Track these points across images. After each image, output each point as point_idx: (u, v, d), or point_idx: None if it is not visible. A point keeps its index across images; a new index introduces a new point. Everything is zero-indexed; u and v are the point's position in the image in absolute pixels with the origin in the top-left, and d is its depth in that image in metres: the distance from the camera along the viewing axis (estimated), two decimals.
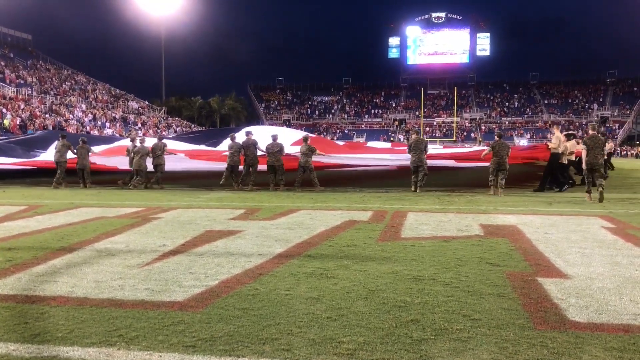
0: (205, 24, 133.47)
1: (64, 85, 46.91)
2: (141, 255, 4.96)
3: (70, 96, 43.48)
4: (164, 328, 2.96)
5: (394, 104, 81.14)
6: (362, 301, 3.45)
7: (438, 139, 60.29)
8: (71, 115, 37.01)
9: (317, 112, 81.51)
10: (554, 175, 12.02)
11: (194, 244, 5.52)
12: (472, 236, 5.92)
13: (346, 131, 73.61)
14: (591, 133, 10.23)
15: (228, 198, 10.73)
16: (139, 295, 3.62)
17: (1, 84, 37.82)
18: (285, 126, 62.12)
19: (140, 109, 51.65)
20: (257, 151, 12.77)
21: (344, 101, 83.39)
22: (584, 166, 10.12)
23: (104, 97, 48.18)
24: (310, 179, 12.42)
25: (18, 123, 30.25)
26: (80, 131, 32.79)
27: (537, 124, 71.48)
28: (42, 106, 36.12)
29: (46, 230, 6.46)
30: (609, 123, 67.99)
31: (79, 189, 13.16)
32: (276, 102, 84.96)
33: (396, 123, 74.95)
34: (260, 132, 14.26)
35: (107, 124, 39.05)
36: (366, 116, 79.50)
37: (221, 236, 5.96)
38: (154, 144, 13.45)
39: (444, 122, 73.62)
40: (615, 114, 70.30)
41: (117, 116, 43.00)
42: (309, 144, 12.67)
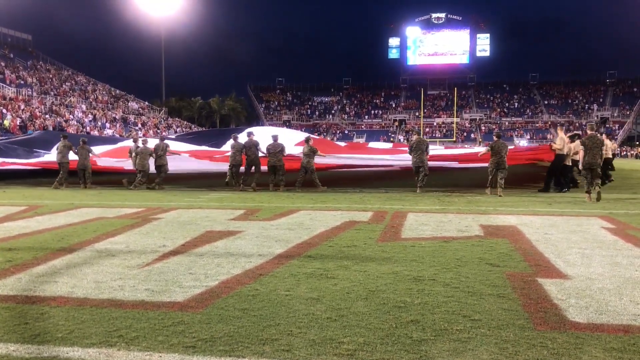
0: (205, 25, 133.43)
1: (64, 86, 46.90)
2: (141, 255, 4.96)
3: (70, 97, 43.47)
4: (164, 328, 2.96)
5: (394, 104, 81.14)
6: (362, 302, 3.45)
7: (438, 140, 60.33)
8: (71, 116, 37.02)
9: (317, 113, 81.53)
10: (555, 176, 12.03)
11: (194, 244, 5.52)
12: (472, 237, 5.93)
13: (346, 132, 73.62)
14: (590, 133, 10.25)
15: (228, 198, 10.73)
16: (139, 296, 3.62)
17: (1, 84, 37.83)
18: (285, 127, 62.13)
19: (140, 109, 51.63)
20: (258, 152, 12.79)
21: (344, 102, 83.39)
22: (580, 166, 10.14)
23: (104, 98, 48.17)
24: (312, 179, 12.44)
25: (18, 124, 30.26)
26: (81, 132, 32.80)
27: (537, 125, 71.50)
28: (42, 107, 36.13)
29: (46, 231, 6.46)
30: (609, 123, 67.99)
31: (79, 189, 13.17)
32: (276, 103, 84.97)
33: (396, 124, 74.95)
34: (262, 133, 14.23)
35: (107, 125, 39.06)
36: (366, 117, 79.49)
37: (221, 237, 5.97)
38: (155, 144, 13.49)
39: (443, 123, 73.62)
40: (615, 115, 70.32)
41: (117, 117, 43.01)
42: (311, 145, 12.71)
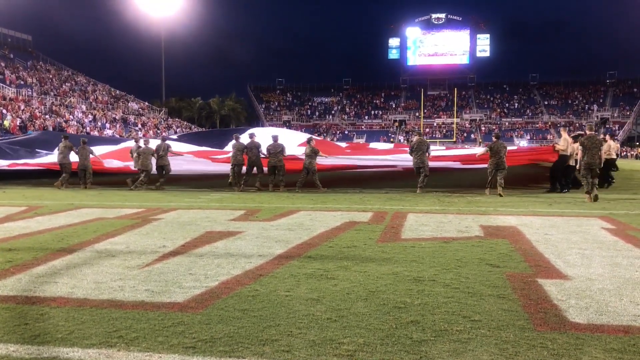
0: (205, 25, 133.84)
1: (64, 86, 46.89)
2: (141, 256, 4.96)
3: (70, 97, 43.45)
4: (164, 329, 2.96)
5: (394, 104, 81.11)
6: (362, 302, 3.45)
7: (438, 140, 60.31)
8: (71, 116, 37.00)
9: (317, 113, 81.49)
10: (556, 177, 12.02)
11: (194, 245, 5.53)
12: (472, 237, 5.93)
13: (346, 132, 73.59)
14: (589, 133, 10.25)
15: (228, 199, 10.73)
16: (139, 297, 3.62)
17: (1, 84, 37.81)
18: (285, 127, 62.13)
19: (140, 109, 51.61)
20: (260, 154, 12.80)
21: (344, 102, 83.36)
22: (578, 166, 10.14)
23: (104, 98, 48.15)
24: (313, 180, 12.44)
25: (18, 124, 30.25)
26: (81, 132, 32.77)
27: (537, 125, 71.45)
28: (42, 107, 36.10)
29: (46, 231, 6.46)
30: (609, 124, 67.95)
31: (80, 190, 13.16)
32: (276, 103, 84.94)
33: (396, 124, 74.88)
34: (263, 134, 14.21)
35: (107, 125, 39.03)
36: (366, 117, 79.45)
37: (221, 237, 5.97)
38: (157, 144, 13.52)
39: (444, 123, 73.58)
40: (615, 115, 70.28)
41: (117, 117, 42.97)
42: (313, 145, 12.72)
